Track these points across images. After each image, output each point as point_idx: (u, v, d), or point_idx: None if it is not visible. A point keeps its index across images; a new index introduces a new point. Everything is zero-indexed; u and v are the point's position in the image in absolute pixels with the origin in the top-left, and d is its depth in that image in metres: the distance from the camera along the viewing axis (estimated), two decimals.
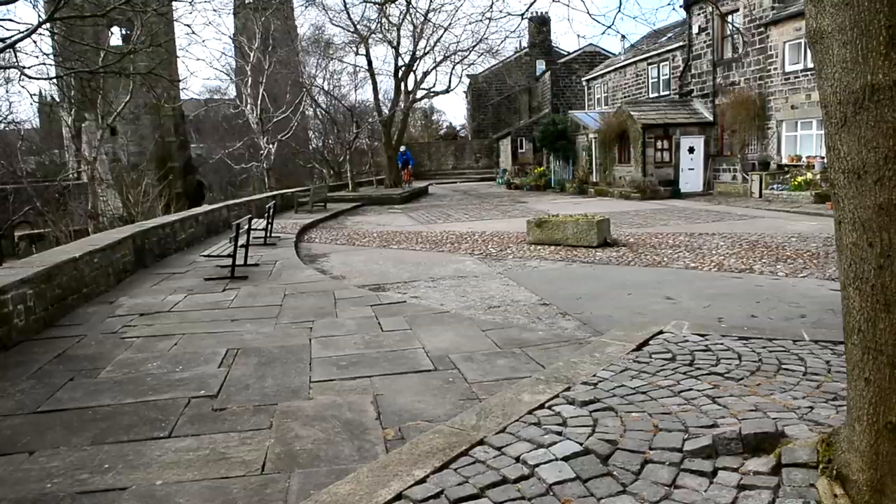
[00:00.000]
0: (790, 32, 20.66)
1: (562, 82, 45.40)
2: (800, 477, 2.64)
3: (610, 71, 34.51)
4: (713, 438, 3.00)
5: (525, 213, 20.21)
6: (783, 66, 21.15)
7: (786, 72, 21.09)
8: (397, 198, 27.26)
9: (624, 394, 3.89)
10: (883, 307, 2.30)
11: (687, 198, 23.62)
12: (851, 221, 2.36)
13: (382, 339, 6.19)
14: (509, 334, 6.28)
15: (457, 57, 33.00)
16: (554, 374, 4.36)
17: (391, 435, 4.00)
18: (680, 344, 4.96)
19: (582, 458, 3.03)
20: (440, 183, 44.36)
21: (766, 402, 3.63)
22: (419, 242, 14.51)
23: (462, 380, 4.98)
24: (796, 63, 20.75)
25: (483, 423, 3.55)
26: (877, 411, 2.37)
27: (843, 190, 2.38)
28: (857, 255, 2.36)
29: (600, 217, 12.99)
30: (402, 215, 21.88)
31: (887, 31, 2.22)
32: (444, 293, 8.87)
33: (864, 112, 2.27)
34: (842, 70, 2.31)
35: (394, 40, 32.53)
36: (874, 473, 2.40)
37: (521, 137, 44.63)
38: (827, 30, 2.35)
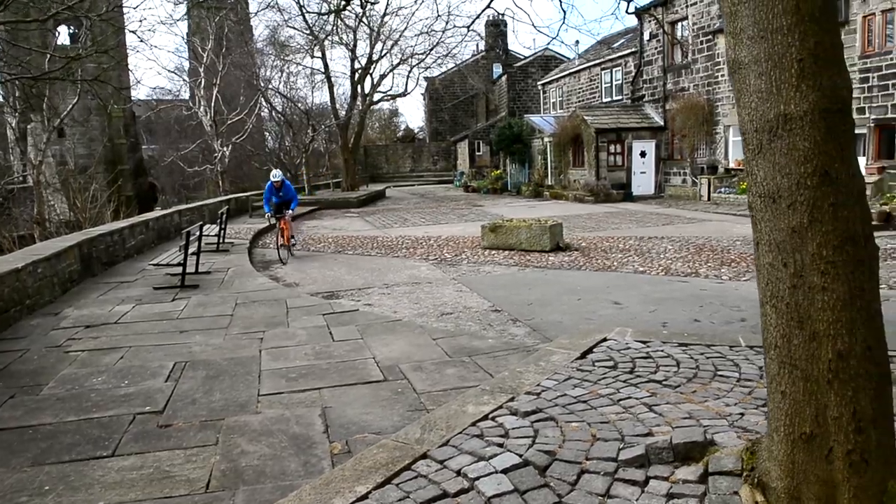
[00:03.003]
0: None
1: (518, 86, 45.86)
2: (725, 485, 2.76)
3: (565, 75, 34.99)
4: (646, 448, 3.11)
5: (481, 216, 20.35)
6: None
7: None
8: (354, 201, 27.15)
9: (566, 403, 3.99)
10: (797, 324, 2.44)
11: (639, 201, 24.12)
12: (767, 243, 2.49)
13: (333, 350, 6.19)
14: (460, 342, 6.35)
15: (413, 60, 33.12)
16: (499, 384, 4.44)
17: (338, 449, 4.02)
18: (622, 351, 5.10)
19: (521, 470, 3.10)
20: (398, 186, 44.37)
21: (700, 410, 3.77)
22: (375, 248, 14.50)
23: (411, 390, 5.03)
24: None
25: (427, 436, 3.60)
26: (792, 422, 2.51)
27: (760, 213, 2.50)
28: (773, 275, 2.49)
29: (553, 222, 13.19)
30: (359, 219, 21.82)
31: (798, 64, 2.35)
32: (398, 300, 8.90)
33: (778, 140, 2.40)
34: (758, 99, 2.44)
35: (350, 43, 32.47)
36: (791, 481, 2.53)
37: (479, 140, 44.93)
38: (744, 61, 2.47)
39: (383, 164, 52.11)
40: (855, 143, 2.48)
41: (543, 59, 44.90)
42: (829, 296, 2.36)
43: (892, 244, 12.34)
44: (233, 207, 21.97)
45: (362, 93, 34.15)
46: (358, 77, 33.32)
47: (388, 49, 32.46)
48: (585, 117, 25.96)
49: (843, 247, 2.35)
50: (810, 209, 2.35)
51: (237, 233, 16.90)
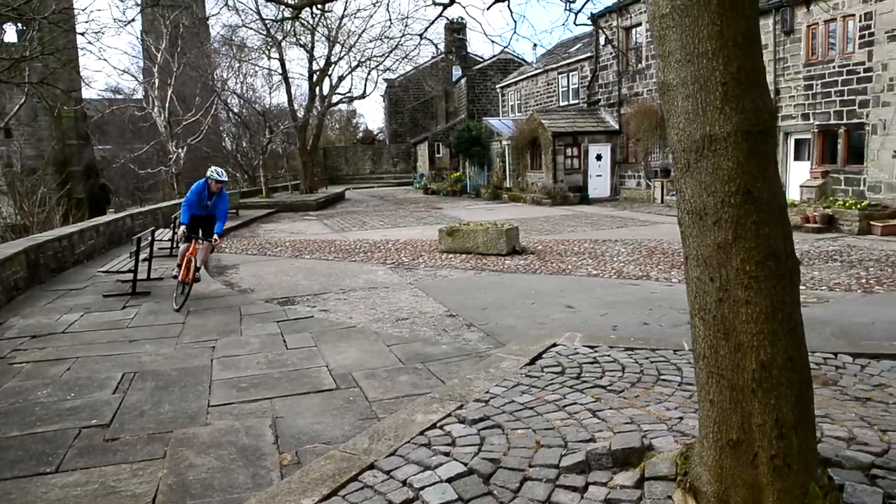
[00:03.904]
0: None
1: (477, 88, 46.09)
2: (659, 489, 2.87)
3: (523, 79, 35.32)
4: (587, 454, 3.20)
5: (440, 219, 20.42)
6: None
7: None
8: (313, 204, 26.96)
9: (513, 410, 4.07)
10: (723, 336, 2.55)
11: (595, 203, 24.50)
12: (695, 258, 2.60)
13: (286, 358, 6.17)
14: (413, 349, 6.39)
15: (372, 63, 33.00)
16: (449, 392, 4.49)
17: (287, 460, 4.03)
18: (570, 357, 5.21)
19: (465, 479, 3.16)
20: (357, 187, 44.18)
21: (642, 414, 3.89)
22: (332, 252, 14.44)
23: (363, 398, 5.05)
24: None
25: (375, 446, 3.63)
26: (720, 430, 2.62)
27: (688, 229, 2.61)
28: (701, 289, 2.60)
29: (509, 225, 13.32)
30: (317, 222, 21.68)
31: (722, 87, 2.46)
32: (354, 306, 8.89)
33: (704, 160, 2.50)
34: (685, 120, 2.55)
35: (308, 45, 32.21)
36: (720, 486, 2.64)
37: (439, 142, 45.02)
38: (672, 83, 2.57)
39: (343, 166, 51.81)
40: (776, 163, 2.59)
41: (502, 63, 45.21)
42: (752, 309, 2.48)
43: (834, 246, 12.82)
44: None
45: (321, 94, 33.93)
46: (316, 78, 33.10)
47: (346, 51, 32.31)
48: (543, 121, 26.26)
49: (765, 262, 2.46)
50: (734, 226, 2.46)
51: None
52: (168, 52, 32.36)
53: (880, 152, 15.89)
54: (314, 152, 35.31)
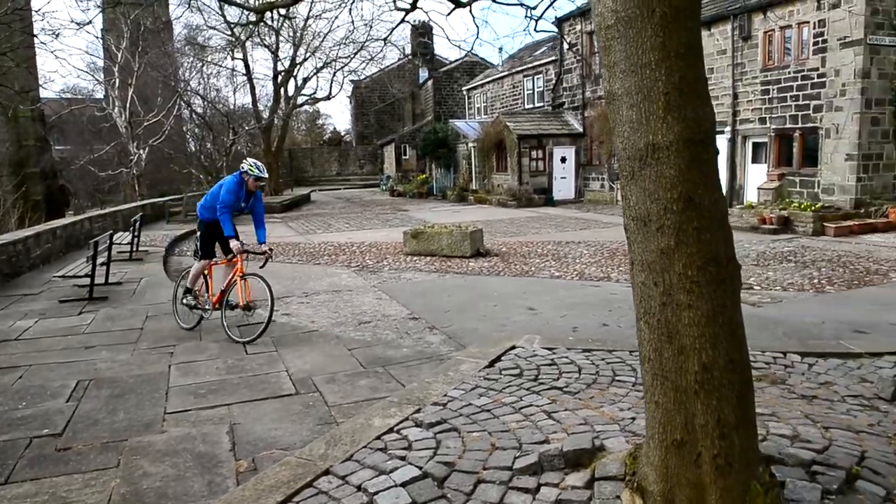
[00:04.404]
0: None
1: (444, 90, 46.16)
2: (609, 489, 2.93)
3: (489, 81, 35.50)
4: (539, 456, 3.25)
5: (406, 221, 20.42)
6: None
7: None
8: (278, 206, 26.70)
9: (470, 413, 4.11)
10: (667, 339, 2.62)
11: (559, 205, 24.75)
12: (640, 263, 2.66)
13: (246, 363, 6.12)
14: (375, 352, 6.39)
15: (338, 63, 32.84)
16: (407, 395, 4.51)
17: (244, 466, 4.00)
18: (529, 359, 5.27)
19: (420, 483, 3.19)
20: (324, 189, 43.90)
21: (596, 415, 3.95)
22: (296, 255, 14.34)
23: (322, 403, 5.04)
24: None
25: (331, 451, 3.63)
26: (665, 430, 2.68)
27: (633, 235, 2.68)
28: (646, 293, 2.66)
29: (473, 228, 13.39)
30: (282, 225, 21.48)
31: (665, 98, 2.53)
32: (317, 309, 8.85)
33: (648, 168, 2.57)
34: (630, 129, 2.61)
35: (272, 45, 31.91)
36: (666, 485, 2.71)
37: (405, 144, 44.96)
38: (618, 93, 2.64)
39: (309, 168, 51.43)
40: (717, 171, 2.67)
41: (469, 65, 45.35)
42: (694, 312, 2.55)
43: (789, 247, 13.16)
44: (149, 213, 21.26)
45: (286, 95, 33.67)
46: (281, 79, 32.82)
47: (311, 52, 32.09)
48: (508, 123, 26.43)
49: (706, 267, 2.54)
50: (676, 232, 2.53)
51: (152, 240, 16.35)
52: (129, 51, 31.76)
53: (833, 155, 16.36)
54: (279, 154, 34.99)
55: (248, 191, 7.20)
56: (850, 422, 3.88)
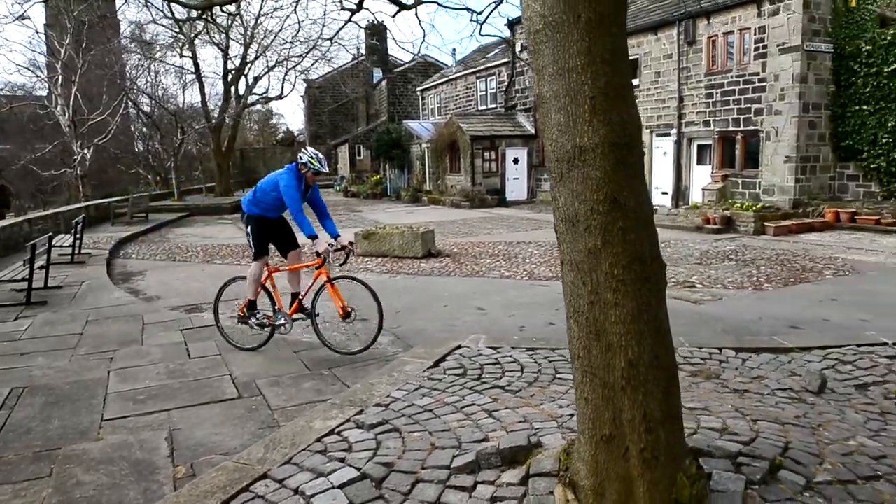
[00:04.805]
0: None
1: (398, 91, 46.07)
2: (543, 485, 2.98)
3: (442, 82, 35.59)
4: (477, 454, 3.28)
5: (358, 222, 20.31)
6: None
7: None
8: (228, 207, 26.22)
9: (412, 413, 4.12)
10: (595, 337, 2.68)
11: (512, 206, 24.97)
12: (569, 263, 2.72)
13: (188, 368, 6.01)
14: (321, 354, 6.35)
15: (289, 63, 32.42)
16: (350, 397, 4.50)
17: (182, 473, 3.93)
18: (473, 358, 5.31)
19: (358, 484, 3.19)
20: None
21: (535, 413, 4.01)
22: (246, 256, 14.09)
23: (266, 407, 4.99)
24: None
25: (270, 455, 3.60)
26: (595, 426, 2.75)
27: (563, 236, 2.73)
28: (575, 292, 2.72)
29: (425, 228, 13.42)
30: (232, 226, 21.12)
31: (591, 101, 2.58)
32: None
33: (575, 170, 2.63)
34: (558, 132, 2.66)
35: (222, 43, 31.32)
36: (596, 479, 2.77)
37: (359, 144, 44.72)
38: (546, 95, 2.69)
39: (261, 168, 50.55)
40: (643, 173, 2.75)
41: (423, 66, 45.35)
42: (620, 310, 2.61)
43: (731, 246, 13.56)
44: (93, 215, 20.68)
45: (236, 94, 33.05)
46: (231, 78, 32.20)
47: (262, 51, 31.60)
48: (461, 124, 26.55)
49: (631, 266, 2.61)
50: (603, 232, 2.59)
51: (96, 242, 15.90)
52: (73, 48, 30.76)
53: (773, 157, 16.92)
54: (230, 154, 34.35)
55: (306, 184, 6.58)
56: (777, 414, 4.03)
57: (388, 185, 33.18)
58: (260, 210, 6.77)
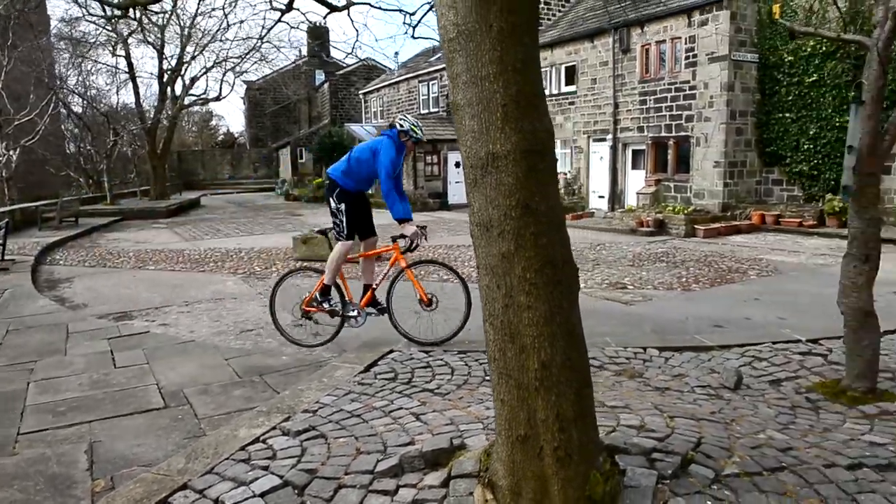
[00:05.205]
0: None
1: (341, 93, 45.75)
2: (463, 487, 3.02)
3: (385, 86, 35.55)
4: (400, 458, 3.30)
5: (299, 226, 20.07)
6: None
7: None
8: (163, 211, 25.56)
9: (340, 419, 4.11)
10: (509, 339, 2.74)
11: (454, 209, 25.12)
12: (484, 267, 2.78)
13: (113, 378, 5.83)
14: (253, 361, 6.26)
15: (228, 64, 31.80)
16: (277, 404, 4.46)
17: (101, 486, 3.82)
18: (404, 362, 5.33)
19: (279, 492, 3.17)
20: (215, 193, 42.43)
21: (462, 415, 4.06)
22: (180, 262, 13.78)
23: (192, 416, 4.89)
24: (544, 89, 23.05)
25: (191, 465, 3.54)
26: (510, 426, 2.81)
27: (478, 240, 2.79)
28: (490, 296, 2.78)
29: None
30: (167, 231, 20.58)
31: (503, 109, 2.65)
32: (197, 318, 8.55)
33: (489, 176, 2.68)
34: (472, 139, 2.71)
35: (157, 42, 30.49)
36: (513, 479, 2.83)
37: (301, 147, 44.18)
38: (460, 103, 2.74)
39: (199, 171, 49.53)
40: (556, 179, 2.83)
41: (366, 69, 45.19)
42: (533, 313, 2.68)
43: (663, 248, 13.98)
44: (18, 219, 19.80)
45: (172, 95, 32.21)
46: (167, 78, 31.38)
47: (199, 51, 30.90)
48: None
49: (543, 270, 2.68)
50: (515, 237, 2.66)
51: (21, 248, 15.24)
52: None
53: (703, 162, 17.54)
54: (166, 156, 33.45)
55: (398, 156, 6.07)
56: (694, 410, 4.19)
57: None
58: (354, 183, 6.19)
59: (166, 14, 27.83)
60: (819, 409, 4.44)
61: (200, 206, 31.10)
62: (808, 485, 3.22)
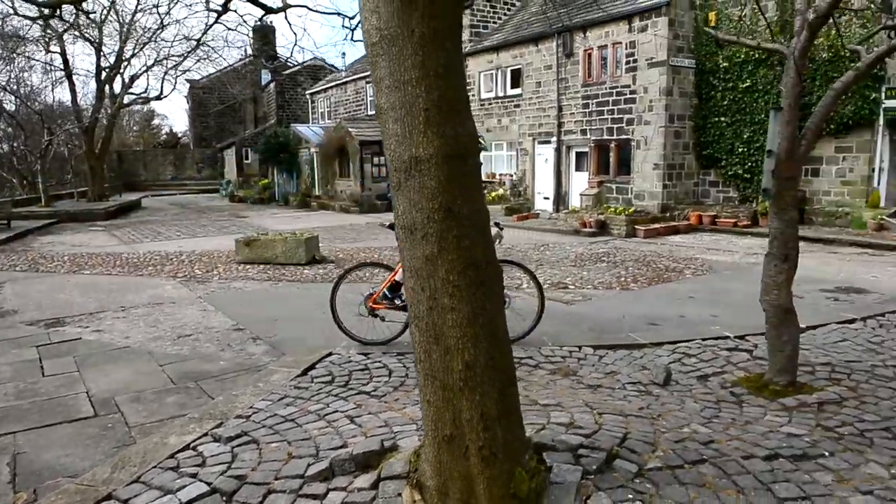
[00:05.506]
0: (483, 64, 23.12)
1: (287, 94, 45.13)
2: (392, 488, 3.04)
3: (332, 86, 35.26)
4: (331, 461, 3.31)
5: (243, 229, 19.73)
6: (479, 93, 23.56)
7: (481, 99, 23.52)
8: (101, 213, 24.76)
9: (273, 423, 4.08)
10: (434, 340, 2.78)
11: None
12: (410, 269, 2.81)
13: (41, 386, 5.64)
14: (189, 367, 6.15)
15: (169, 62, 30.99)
16: (210, 410, 4.40)
17: (23, 499, 3.70)
18: (343, 365, 5.32)
19: (207, 499, 3.13)
20: (157, 195, 41.38)
21: (397, 417, 4.08)
22: (118, 265, 13.38)
23: (123, 424, 4.77)
24: (490, 91, 23.28)
25: (117, 474, 3.46)
26: (437, 427, 2.85)
27: (403, 243, 2.82)
28: (415, 298, 2.81)
29: (309, 234, 13.25)
30: (105, 234, 19.95)
31: (425, 113, 2.68)
32: (133, 324, 8.33)
33: (412, 179, 2.72)
34: (395, 142, 2.74)
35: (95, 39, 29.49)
36: (440, 479, 2.87)
37: (247, 148, 43.37)
38: (384, 107, 2.76)
39: (141, 172, 48.17)
40: (479, 183, 2.88)
41: (313, 69, 44.67)
42: (456, 315, 2.72)
43: (604, 248, 14.27)
44: None
45: (111, 94, 31.21)
46: (105, 76, 30.37)
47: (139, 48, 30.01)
48: (350, 129, 26.40)
49: (465, 272, 2.72)
50: (439, 240, 2.69)
51: None
52: None
53: (643, 165, 17.98)
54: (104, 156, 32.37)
55: None
56: (623, 407, 4.31)
57: (277, 190, 32.43)
58: None
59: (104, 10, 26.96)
60: (742, 402, 4.62)
61: (141, 207, 30.27)
62: (726, 476, 3.36)
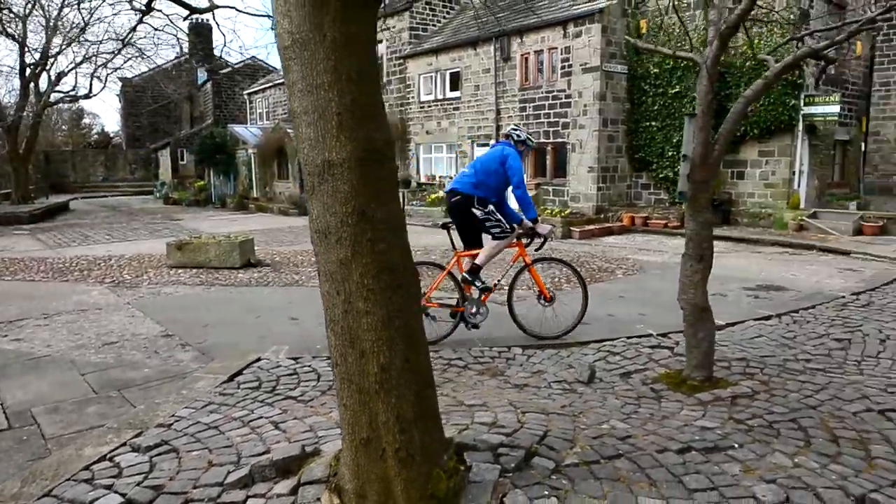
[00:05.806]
0: (423, 66, 23.19)
1: (225, 93, 44.26)
2: (311, 493, 3.04)
3: (271, 86, 34.75)
4: (251, 468, 3.27)
5: (177, 232, 19.23)
6: (419, 95, 23.63)
7: (421, 101, 23.59)
8: (25, 216, 23.71)
9: (195, 431, 4.01)
10: (349, 344, 2.79)
11: None
12: (324, 273, 2.81)
13: None
14: (112, 376, 5.96)
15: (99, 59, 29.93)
16: (130, 419, 4.29)
17: None
18: (271, 370, 5.26)
19: None
20: (87, 197, 39.87)
21: (323, 421, 4.07)
22: (41, 271, 12.85)
23: (39, 436, 4.59)
24: (429, 94, 23.37)
25: (27, 488, 3.34)
26: (353, 430, 2.86)
27: (317, 247, 2.82)
28: (330, 302, 2.82)
29: (244, 237, 13.02)
30: (29, 237, 19.12)
31: (338, 118, 2.69)
32: (55, 332, 8.01)
33: (326, 183, 2.72)
34: (309, 146, 2.74)
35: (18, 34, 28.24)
36: (358, 482, 2.88)
37: (182, 149, 42.28)
38: (297, 111, 2.76)
39: (69, 173, 46.28)
40: (395, 187, 2.90)
41: (251, 69, 43.93)
42: (371, 318, 2.74)
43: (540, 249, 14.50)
44: None
45: (36, 91, 29.95)
46: (30, 73, 29.12)
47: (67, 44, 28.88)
48: (289, 130, 26.03)
49: (380, 275, 2.75)
50: (352, 244, 2.71)
51: None
52: None
53: (579, 168, 18.37)
54: (29, 157, 31.04)
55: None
56: (546, 405, 4.40)
57: (213, 191, 31.72)
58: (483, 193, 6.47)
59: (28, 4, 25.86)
60: (661, 398, 4.79)
61: (69, 210, 29.10)
62: (640, 469, 3.47)
